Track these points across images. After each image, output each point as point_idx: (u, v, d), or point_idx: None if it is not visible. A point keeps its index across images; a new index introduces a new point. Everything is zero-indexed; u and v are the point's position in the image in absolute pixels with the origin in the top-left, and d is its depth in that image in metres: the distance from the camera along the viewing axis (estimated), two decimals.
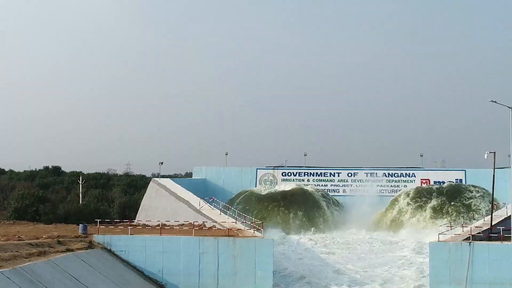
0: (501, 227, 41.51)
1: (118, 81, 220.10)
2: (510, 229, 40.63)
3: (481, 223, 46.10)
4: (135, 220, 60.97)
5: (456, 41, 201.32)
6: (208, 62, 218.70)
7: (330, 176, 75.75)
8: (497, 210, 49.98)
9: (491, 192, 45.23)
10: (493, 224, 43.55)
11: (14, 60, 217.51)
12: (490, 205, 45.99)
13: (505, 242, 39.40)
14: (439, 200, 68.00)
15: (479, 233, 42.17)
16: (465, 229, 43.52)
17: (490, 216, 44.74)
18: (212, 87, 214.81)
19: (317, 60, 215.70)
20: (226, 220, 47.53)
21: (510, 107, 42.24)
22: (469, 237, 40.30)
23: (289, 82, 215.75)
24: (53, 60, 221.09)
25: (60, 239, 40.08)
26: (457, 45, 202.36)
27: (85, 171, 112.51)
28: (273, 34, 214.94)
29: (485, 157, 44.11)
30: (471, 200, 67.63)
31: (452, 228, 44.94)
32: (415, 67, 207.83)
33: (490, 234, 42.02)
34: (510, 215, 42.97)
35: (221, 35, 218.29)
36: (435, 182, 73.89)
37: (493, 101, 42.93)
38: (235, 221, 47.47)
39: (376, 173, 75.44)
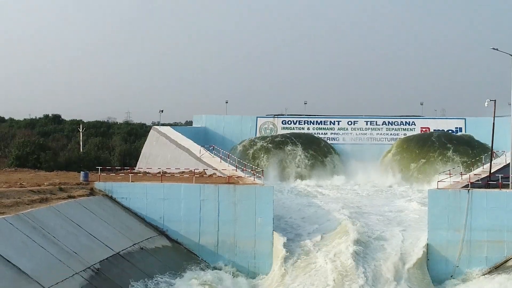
0: (499, 175, 41.76)
1: (119, 31, 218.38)
2: (509, 177, 40.90)
3: (480, 171, 46.38)
4: (136, 168, 61.27)
5: None
6: (208, 13, 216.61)
7: (330, 124, 75.72)
8: (496, 158, 50.16)
9: (491, 140, 45.37)
10: (492, 172, 43.82)
11: (14, 10, 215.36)
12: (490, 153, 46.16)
13: (504, 190, 39.69)
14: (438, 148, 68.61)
15: (478, 180, 42.47)
16: (464, 176, 43.76)
17: (489, 164, 44.99)
18: (212, 36, 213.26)
19: (317, 9, 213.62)
20: (227, 168, 47.76)
21: (511, 55, 41.96)
22: (468, 184, 40.61)
23: (289, 31, 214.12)
24: (53, 10, 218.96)
25: (62, 186, 40.35)
26: None
27: (85, 119, 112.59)
28: None
29: (486, 105, 44.05)
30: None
31: (451, 175, 45.20)
32: (415, 16, 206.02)
33: (489, 182, 42.33)
34: (509, 163, 43.13)
35: None
36: (434, 131, 73.96)
37: (494, 49, 42.65)
38: (235, 168, 47.69)
39: (376, 121, 75.39)
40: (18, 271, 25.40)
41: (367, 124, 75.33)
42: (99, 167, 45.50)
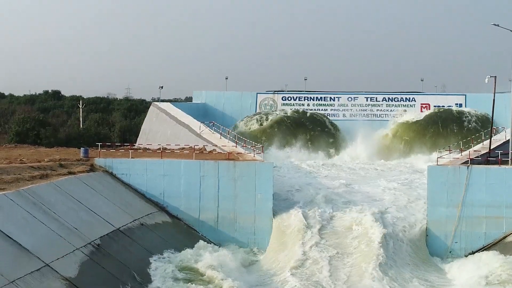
0: (499, 151, 41.81)
1: (118, 6, 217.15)
2: (508, 153, 40.96)
3: (480, 147, 46.40)
4: (136, 144, 61.27)
5: None
6: None
7: (330, 100, 75.49)
8: (496, 134, 50.16)
9: (491, 116, 45.34)
10: (491, 148, 43.86)
11: None
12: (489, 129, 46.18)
13: (503, 166, 39.78)
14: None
15: (477, 157, 42.50)
16: (464, 153, 43.81)
17: (488, 140, 45.01)
18: (212, 12, 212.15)
19: None
20: (227, 144, 47.80)
21: None
22: (468, 161, 40.67)
23: (289, 6, 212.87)
24: None
25: (62, 162, 40.42)
26: None
27: (85, 95, 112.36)
28: None
29: (486, 82, 44.02)
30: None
31: (451, 152, 45.26)
32: None
33: (489, 158, 42.38)
34: (509, 139, 43.16)
35: None
36: (435, 107, 73.89)
37: (495, 25, 42.47)
38: (235, 145, 47.74)
39: (376, 97, 75.22)
40: (19, 247, 25.55)
41: (367, 100, 75.13)
42: (99, 143, 45.54)
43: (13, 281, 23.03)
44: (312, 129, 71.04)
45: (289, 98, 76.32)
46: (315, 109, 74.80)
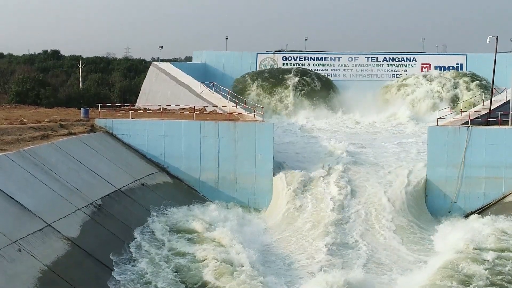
0: (499, 112, 41.80)
1: None
2: (509, 114, 40.95)
3: (480, 107, 46.36)
4: (136, 105, 61.18)
5: None
6: None
7: (330, 60, 75.17)
8: (496, 95, 50.08)
9: (492, 77, 45.21)
10: (492, 108, 43.83)
11: None
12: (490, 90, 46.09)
13: (503, 127, 39.81)
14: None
15: (477, 117, 42.54)
16: (464, 113, 43.81)
17: (489, 101, 44.95)
18: None
19: None
20: (227, 105, 47.74)
21: None
22: (468, 121, 40.71)
23: None
24: None
25: (62, 123, 40.43)
26: None
27: (84, 55, 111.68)
28: None
29: (487, 42, 43.80)
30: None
31: (451, 112, 45.24)
32: None
33: (489, 119, 42.40)
34: (509, 100, 43.11)
35: None
36: (435, 67, 73.66)
37: None
38: (235, 105, 47.68)
39: (377, 57, 74.88)
40: (21, 208, 25.70)
41: (367, 61, 74.82)
42: (99, 104, 45.46)
43: (15, 241, 23.24)
44: None
45: (290, 58, 76.00)
46: (315, 69, 74.55)
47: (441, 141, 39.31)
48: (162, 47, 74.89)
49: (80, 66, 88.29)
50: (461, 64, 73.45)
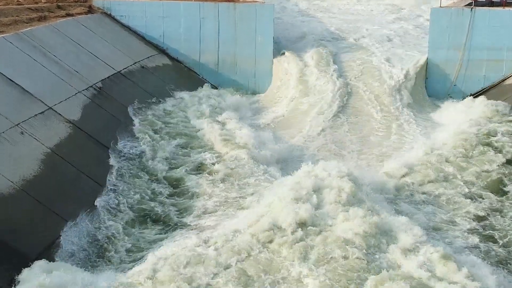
0: None
1: None
2: None
3: None
4: None
5: None
6: None
7: None
8: None
9: None
10: None
11: None
12: None
13: (507, 8, 39.17)
14: None
15: None
16: None
17: None
18: None
19: None
20: None
21: None
22: (472, 3, 40.05)
23: None
24: None
25: (60, 4, 39.66)
26: None
27: None
28: None
29: None
30: None
31: None
32: None
33: (493, 0, 41.68)
34: None
35: None
36: None
37: None
38: None
39: None
40: (22, 91, 25.71)
41: None
42: None
43: (18, 124, 23.41)
44: None
45: None
46: None
47: (444, 23, 38.75)
48: None
49: None
50: None
